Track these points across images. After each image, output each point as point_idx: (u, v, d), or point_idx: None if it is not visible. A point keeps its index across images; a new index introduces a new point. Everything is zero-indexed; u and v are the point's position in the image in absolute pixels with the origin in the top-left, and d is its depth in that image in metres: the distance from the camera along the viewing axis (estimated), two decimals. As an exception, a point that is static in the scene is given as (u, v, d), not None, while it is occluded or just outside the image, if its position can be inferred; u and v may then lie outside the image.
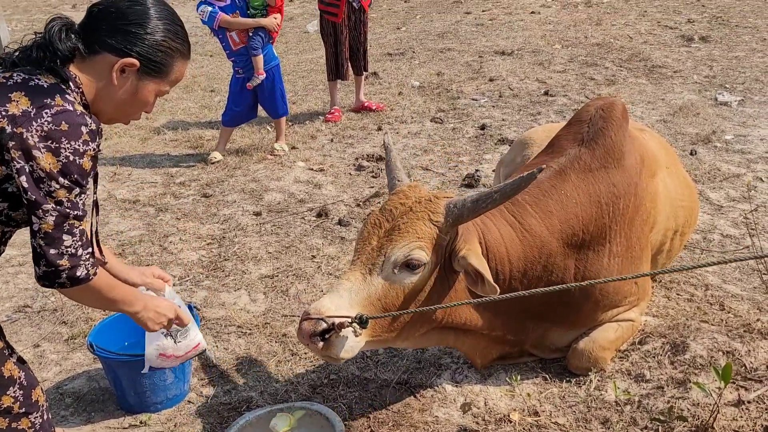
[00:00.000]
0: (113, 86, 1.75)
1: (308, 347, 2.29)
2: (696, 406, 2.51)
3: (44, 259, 1.65)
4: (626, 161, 2.84)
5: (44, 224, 1.63)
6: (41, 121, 1.59)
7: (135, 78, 1.77)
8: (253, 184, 5.13)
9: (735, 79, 7.16)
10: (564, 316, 2.83)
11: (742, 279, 3.47)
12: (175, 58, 1.83)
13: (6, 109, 1.59)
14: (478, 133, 6.01)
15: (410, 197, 2.47)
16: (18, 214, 1.73)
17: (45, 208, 1.61)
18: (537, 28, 10.07)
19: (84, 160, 1.64)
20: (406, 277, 2.36)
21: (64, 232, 1.64)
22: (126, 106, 1.81)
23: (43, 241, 1.63)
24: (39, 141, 1.58)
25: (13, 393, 1.79)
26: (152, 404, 2.77)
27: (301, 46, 10.29)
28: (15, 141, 1.58)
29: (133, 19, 1.74)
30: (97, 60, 1.73)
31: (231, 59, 5.63)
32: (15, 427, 1.80)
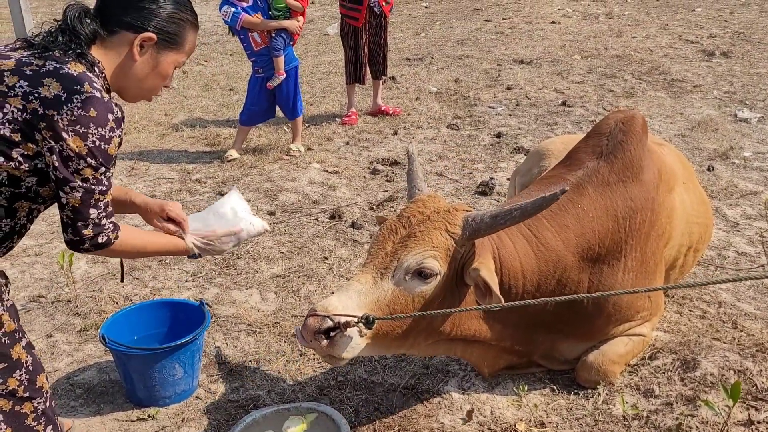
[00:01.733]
0: (134, 62, 1.87)
1: (310, 345, 2.25)
2: (705, 424, 2.49)
3: (71, 228, 1.80)
4: (644, 175, 2.83)
5: (71, 199, 1.76)
6: (71, 106, 1.68)
7: (154, 51, 1.88)
8: (268, 183, 5.16)
9: (756, 95, 7.11)
10: (575, 329, 2.82)
11: (757, 298, 3.44)
12: (186, 28, 1.94)
13: (39, 92, 1.68)
14: (494, 141, 6.01)
15: (429, 206, 2.46)
16: (45, 190, 1.82)
17: (72, 185, 1.73)
18: (557, 37, 10.05)
19: (110, 146, 1.75)
20: (417, 286, 2.34)
21: (90, 206, 1.78)
22: (148, 80, 1.92)
23: (71, 213, 1.78)
24: (68, 125, 1.68)
25: (19, 376, 1.81)
26: (161, 398, 2.80)
27: (321, 48, 10.34)
28: (46, 122, 1.68)
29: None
30: (115, 39, 1.85)
31: (251, 59, 5.67)
32: (18, 411, 1.82)
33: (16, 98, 1.68)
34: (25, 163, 1.72)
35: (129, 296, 3.59)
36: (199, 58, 9.85)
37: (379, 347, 2.42)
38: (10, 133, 1.68)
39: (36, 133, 1.69)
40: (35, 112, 1.67)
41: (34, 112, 1.67)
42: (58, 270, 3.76)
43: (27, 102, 1.67)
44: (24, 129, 1.68)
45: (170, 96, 7.73)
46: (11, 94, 1.68)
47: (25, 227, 1.89)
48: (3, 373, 1.77)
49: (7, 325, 1.79)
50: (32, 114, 1.67)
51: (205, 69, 9.09)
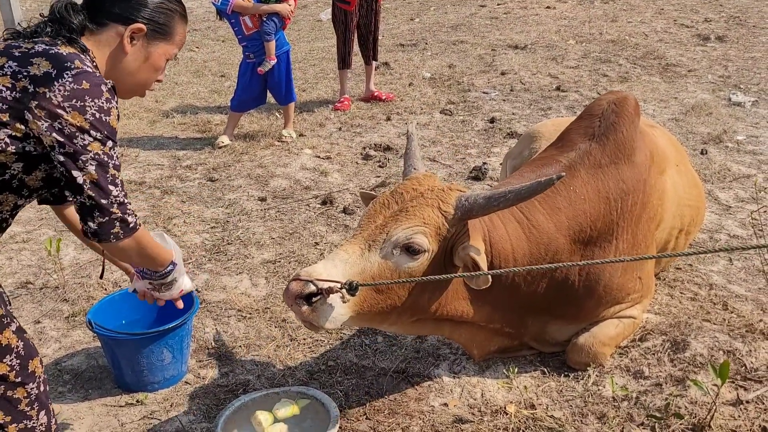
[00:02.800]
0: (125, 54, 1.84)
1: (291, 309, 2.23)
2: (694, 404, 2.49)
3: (97, 209, 1.68)
4: (636, 157, 2.81)
5: (87, 174, 1.66)
6: (63, 81, 1.64)
7: (144, 42, 1.86)
8: (259, 169, 5.13)
9: (750, 79, 7.08)
10: (565, 311, 2.81)
11: (748, 280, 3.44)
12: (175, 18, 1.92)
13: (28, 71, 1.64)
14: (488, 126, 5.98)
15: (423, 184, 2.44)
16: (31, 179, 1.74)
17: (84, 158, 1.65)
18: (552, 22, 9.99)
19: (111, 118, 1.69)
20: (404, 261, 2.32)
21: (109, 182, 1.70)
22: (140, 73, 1.90)
23: (92, 191, 1.67)
24: (63, 101, 1.62)
25: (10, 361, 1.78)
26: (149, 383, 2.78)
27: (314, 34, 10.26)
28: (37, 101, 1.62)
29: None
30: (105, 32, 1.82)
31: (242, 44, 5.62)
32: (10, 396, 1.79)
33: (5, 77, 1.64)
34: (12, 145, 1.65)
35: (118, 282, 3.57)
36: (190, 44, 9.77)
37: (361, 320, 2.38)
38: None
39: (26, 113, 1.63)
40: (25, 90, 1.62)
41: (24, 90, 1.62)
42: (45, 256, 3.73)
43: (16, 80, 1.63)
44: (13, 108, 1.63)
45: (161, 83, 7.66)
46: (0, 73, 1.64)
47: (6, 222, 1.84)
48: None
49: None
50: (22, 92, 1.62)
51: (196, 55, 9.01)
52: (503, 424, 2.52)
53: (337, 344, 3.07)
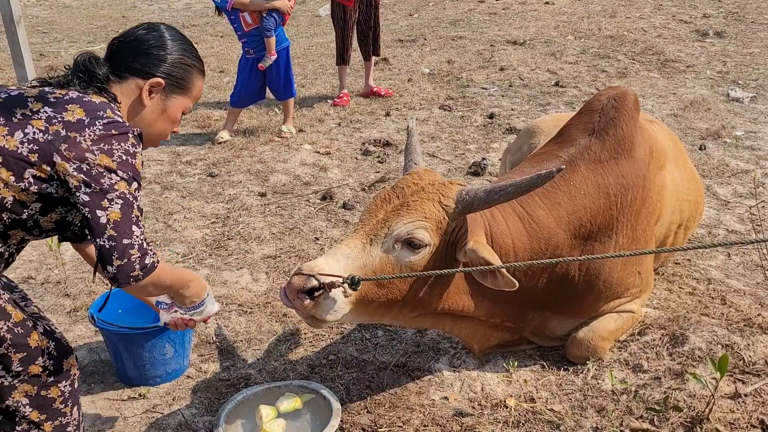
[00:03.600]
0: (143, 106, 1.92)
1: (293, 304, 2.22)
2: (692, 398, 2.51)
3: (116, 252, 1.69)
4: (636, 152, 2.82)
5: (111, 213, 1.69)
6: (93, 128, 1.71)
7: (162, 96, 1.94)
8: (259, 165, 5.14)
9: (748, 75, 7.10)
10: (565, 306, 2.83)
11: (746, 275, 3.46)
12: (193, 73, 2.00)
13: (62, 116, 1.72)
14: (487, 121, 5.99)
15: (424, 179, 2.45)
16: (45, 220, 1.80)
17: (110, 196, 1.69)
18: (550, 18, 9.99)
19: (136, 161, 1.76)
20: (406, 256, 2.33)
21: (133, 223, 1.72)
22: (157, 124, 1.97)
23: (114, 232, 1.69)
24: (92, 144, 1.69)
25: (42, 362, 1.83)
26: (151, 378, 2.80)
27: (312, 30, 10.25)
28: (68, 144, 1.68)
29: (153, 43, 1.92)
30: (125, 85, 1.90)
31: (242, 40, 5.61)
32: (45, 395, 1.85)
33: (39, 120, 1.70)
34: (35, 185, 1.70)
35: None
36: (189, 40, 9.76)
37: (363, 314, 2.39)
38: (28, 152, 1.68)
39: (56, 155, 1.68)
40: (57, 134, 1.69)
41: (57, 133, 1.69)
42: (47, 251, 3.74)
43: (50, 124, 1.70)
44: (43, 150, 1.68)
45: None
46: (35, 117, 1.71)
47: (12, 257, 1.87)
48: (24, 361, 1.79)
49: (15, 316, 1.79)
50: (54, 135, 1.68)
51: (195, 51, 8.99)
52: (503, 418, 2.54)
53: (337, 338, 3.09)
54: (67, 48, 9.35)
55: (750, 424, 2.39)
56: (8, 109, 1.71)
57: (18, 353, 1.77)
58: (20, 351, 1.78)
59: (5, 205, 1.70)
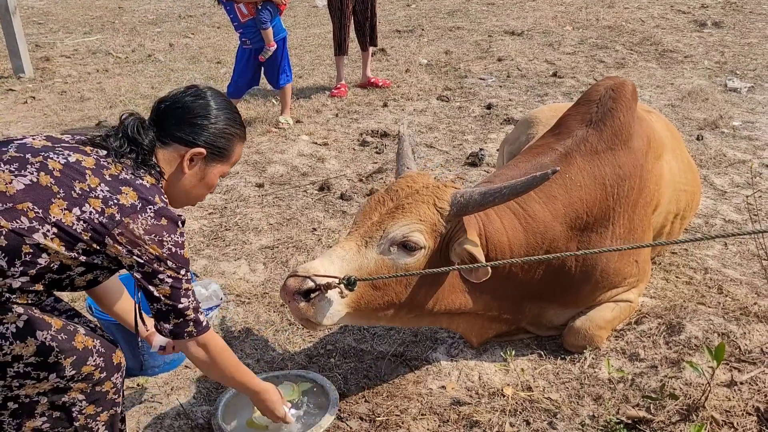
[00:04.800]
0: (183, 174, 1.95)
1: (289, 306, 2.23)
2: (688, 386, 2.52)
3: (173, 313, 1.85)
4: (633, 142, 2.82)
5: (161, 290, 1.82)
6: (145, 215, 1.78)
7: (203, 164, 1.97)
8: (256, 156, 5.13)
9: (746, 65, 7.09)
10: (562, 296, 2.83)
11: (742, 264, 3.47)
12: (234, 141, 2.02)
13: (117, 199, 1.78)
14: (484, 112, 5.98)
15: (418, 182, 2.44)
16: (81, 280, 1.86)
17: (161, 276, 1.80)
18: (548, 8, 9.96)
19: (184, 251, 1.85)
20: (401, 258, 2.32)
21: (182, 296, 1.85)
22: (195, 189, 2.01)
23: (168, 300, 1.83)
24: (144, 233, 1.77)
25: (94, 361, 1.88)
26: (150, 368, 2.80)
27: (310, 21, 10.22)
28: (121, 229, 1.76)
29: (198, 112, 1.94)
30: (167, 150, 1.94)
31: (238, 31, 5.59)
32: (99, 390, 1.91)
33: (97, 200, 1.75)
34: (83, 257, 1.77)
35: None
36: (185, 30, 9.72)
37: (359, 317, 2.39)
38: (82, 230, 1.73)
39: (107, 237, 1.75)
40: (112, 217, 1.75)
41: (111, 216, 1.75)
42: (44, 243, 3.73)
43: (106, 206, 1.75)
44: (96, 230, 1.74)
45: (156, 69, 7.63)
46: (92, 195, 1.75)
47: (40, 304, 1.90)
48: (76, 365, 1.83)
49: (54, 323, 1.82)
50: (109, 218, 1.75)
51: (192, 42, 8.96)
52: (500, 406, 2.55)
53: (335, 329, 3.10)
54: (62, 39, 9.31)
55: (746, 412, 2.41)
56: (68, 179, 1.75)
57: (68, 358, 1.82)
58: (70, 355, 1.82)
59: (51, 269, 1.76)
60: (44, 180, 1.73)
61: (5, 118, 6.16)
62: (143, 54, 8.34)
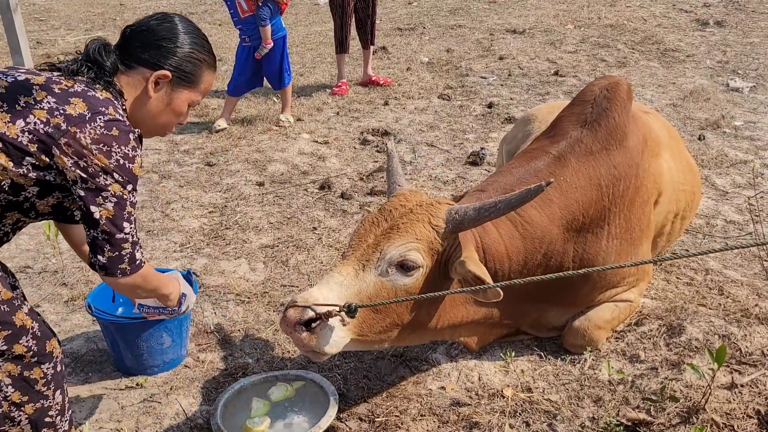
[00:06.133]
0: (149, 98, 1.91)
1: (291, 337, 2.19)
2: (689, 388, 2.51)
3: (108, 244, 1.76)
4: (628, 142, 2.81)
5: (104, 210, 1.74)
6: (94, 125, 1.72)
7: (168, 89, 1.93)
8: (257, 154, 5.12)
9: (748, 65, 7.07)
10: (561, 297, 2.83)
11: (743, 265, 3.46)
12: (203, 68, 1.97)
13: (64, 109, 1.72)
14: (485, 111, 5.97)
15: (411, 200, 2.42)
16: (42, 204, 1.81)
17: (105, 194, 1.73)
18: (550, 7, 9.94)
19: (134, 165, 1.78)
20: (399, 279, 2.29)
21: (124, 219, 1.77)
22: (162, 116, 1.96)
23: (107, 227, 1.75)
24: (92, 143, 1.70)
25: (26, 342, 1.82)
26: (149, 367, 2.80)
27: (311, 18, 10.20)
28: (68, 138, 1.69)
29: (163, 35, 1.90)
30: (132, 75, 1.90)
31: (238, 27, 5.59)
32: (27, 376, 1.84)
33: (42, 111, 1.70)
34: (33, 172, 1.72)
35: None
36: (187, 28, 9.69)
37: (363, 342, 2.36)
38: (28, 142, 1.69)
39: (54, 148, 1.69)
40: (58, 127, 1.69)
41: (57, 126, 1.69)
42: (44, 240, 3.73)
43: (51, 116, 1.70)
44: (42, 141, 1.69)
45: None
46: (37, 107, 1.71)
47: (7, 236, 1.88)
48: (8, 340, 1.78)
49: (3, 293, 1.79)
50: (55, 128, 1.69)
51: (193, 39, 8.94)
52: (500, 407, 2.55)
53: (335, 328, 3.09)
54: (64, 35, 9.30)
55: (746, 415, 2.40)
56: (13, 96, 1.71)
57: (3, 331, 1.77)
58: (5, 329, 1.77)
59: (2, 188, 1.71)
60: None
61: (6, 115, 6.14)
62: (144, 51, 8.32)
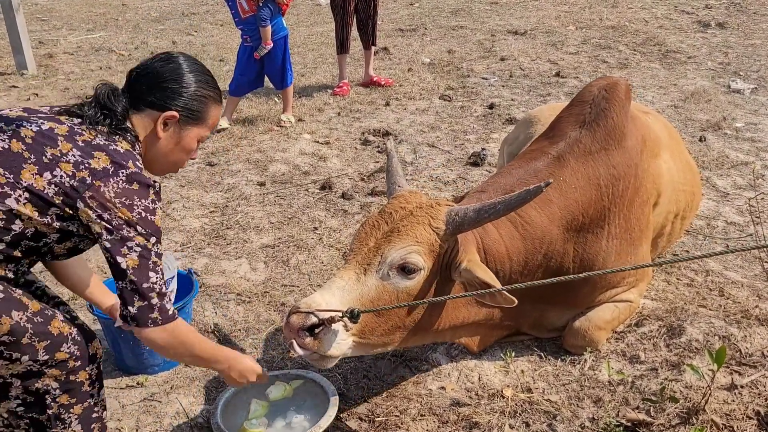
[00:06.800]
0: (158, 138, 1.96)
1: (294, 343, 2.19)
2: (689, 389, 2.52)
3: (137, 294, 1.79)
4: (627, 142, 2.81)
5: (130, 260, 1.78)
6: (117, 179, 1.78)
7: (177, 128, 1.97)
8: (258, 154, 5.13)
9: (750, 66, 7.07)
10: (562, 298, 2.83)
11: (744, 266, 3.46)
12: (209, 104, 2.01)
13: (89, 163, 1.78)
14: (486, 112, 5.97)
15: (411, 202, 2.42)
16: (60, 248, 1.86)
17: (129, 244, 1.78)
18: (551, 8, 9.94)
19: (156, 217, 1.83)
20: (400, 282, 2.30)
21: (150, 269, 1.80)
22: (173, 154, 2.01)
23: (134, 276, 1.78)
24: (114, 197, 1.77)
25: (67, 348, 1.87)
26: (150, 366, 2.81)
27: (313, 19, 10.21)
28: (92, 192, 1.75)
29: (168, 76, 1.94)
30: (141, 117, 1.95)
31: (239, 27, 5.60)
32: (73, 380, 1.90)
33: (68, 164, 1.76)
34: (57, 222, 1.78)
35: (118, 266, 3.58)
36: (188, 28, 9.72)
37: (367, 346, 2.36)
38: (53, 194, 1.74)
39: (79, 201, 1.75)
40: (83, 181, 1.75)
41: (82, 180, 1.75)
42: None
43: (77, 170, 1.75)
44: (68, 193, 1.75)
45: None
46: (63, 159, 1.76)
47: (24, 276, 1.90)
48: (49, 349, 1.82)
49: (32, 306, 1.81)
50: (80, 182, 1.75)
51: (194, 39, 8.96)
52: (500, 408, 2.55)
53: (335, 328, 3.09)
54: (66, 35, 9.32)
55: (746, 416, 2.40)
56: (40, 147, 1.76)
57: (42, 341, 1.81)
58: (44, 339, 1.81)
59: (26, 235, 1.77)
60: (15, 147, 1.74)
61: (8, 114, 6.16)
62: (146, 51, 8.34)
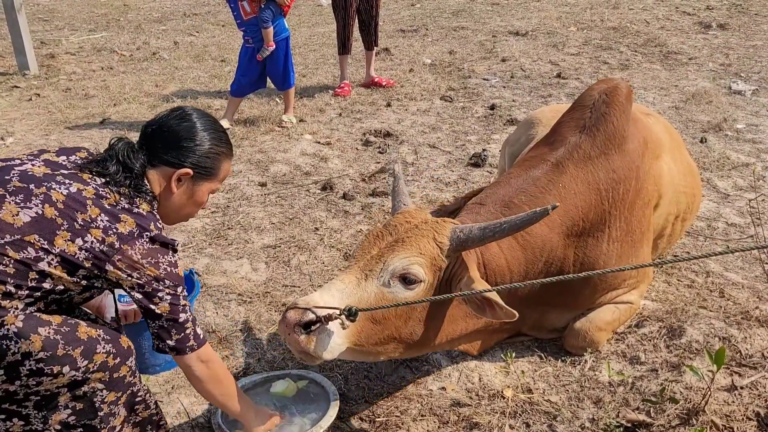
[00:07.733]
0: (172, 193, 2.05)
1: (288, 339, 2.20)
2: (689, 390, 2.52)
3: (174, 329, 1.95)
4: (628, 145, 2.81)
5: (161, 307, 1.92)
6: (142, 241, 1.90)
7: (190, 184, 2.06)
8: (259, 155, 5.14)
9: (751, 68, 7.07)
10: (562, 300, 2.83)
11: (744, 267, 3.46)
12: (221, 160, 2.09)
13: (117, 227, 1.88)
14: (488, 113, 5.97)
15: (416, 217, 2.44)
16: (79, 298, 1.95)
17: (159, 295, 1.92)
18: (553, 9, 9.95)
19: (178, 270, 1.97)
20: (400, 291, 2.29)
21: (181, 311, 1.96)
22: (185, 208, 2.11)
23: (169, 316, 1.94)
24: (141, 258, 1.89)
25: (103, 348, 1.93)
26: (151, 366, 2.81)
27: (314, 20, 10.22)
28: (120, 255, 1.87)
29: (183, 134, 2.02)
30: (156, 172, 2.03)
31: (241, 29, 5.61)
32: (117, 377, 1.97)
33: (98, 230, 1.85)
34: (84, 281, 1.88)
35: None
36: (190, 28, 9.74)
37: (359, 352, 2.36)
38: (83, 259, 1.84)
39: (107, 264, 1.85)
40: (112, 245, 1.86)
41: (111, 245, 1.86)
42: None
43: (106, 235, 1.85)
44: (98, 257, 1.85)
45: (161, 67, 7.65)
46: (93, 225, 1.85)
47: None
48: (85, 354, 1.88)
49: (54, 319, 1.86)
50: (109, 246, 1.85)
51: (196, 40, 8.98)
52: (500, 408, 2.55)
53: (336, 329, 3.10)
54: (67, 36, 9.33)
55: (746, 417, 2.41)
56: (71, 211, 1.84)
57: (76, 348, 1.85)
58: (77, 346, 1.86)
59: (54, 291, 1.85)
60: (49, 212, 1.82)
61: (10, 115, 6.18)
62: (148, 52, 8.35)
